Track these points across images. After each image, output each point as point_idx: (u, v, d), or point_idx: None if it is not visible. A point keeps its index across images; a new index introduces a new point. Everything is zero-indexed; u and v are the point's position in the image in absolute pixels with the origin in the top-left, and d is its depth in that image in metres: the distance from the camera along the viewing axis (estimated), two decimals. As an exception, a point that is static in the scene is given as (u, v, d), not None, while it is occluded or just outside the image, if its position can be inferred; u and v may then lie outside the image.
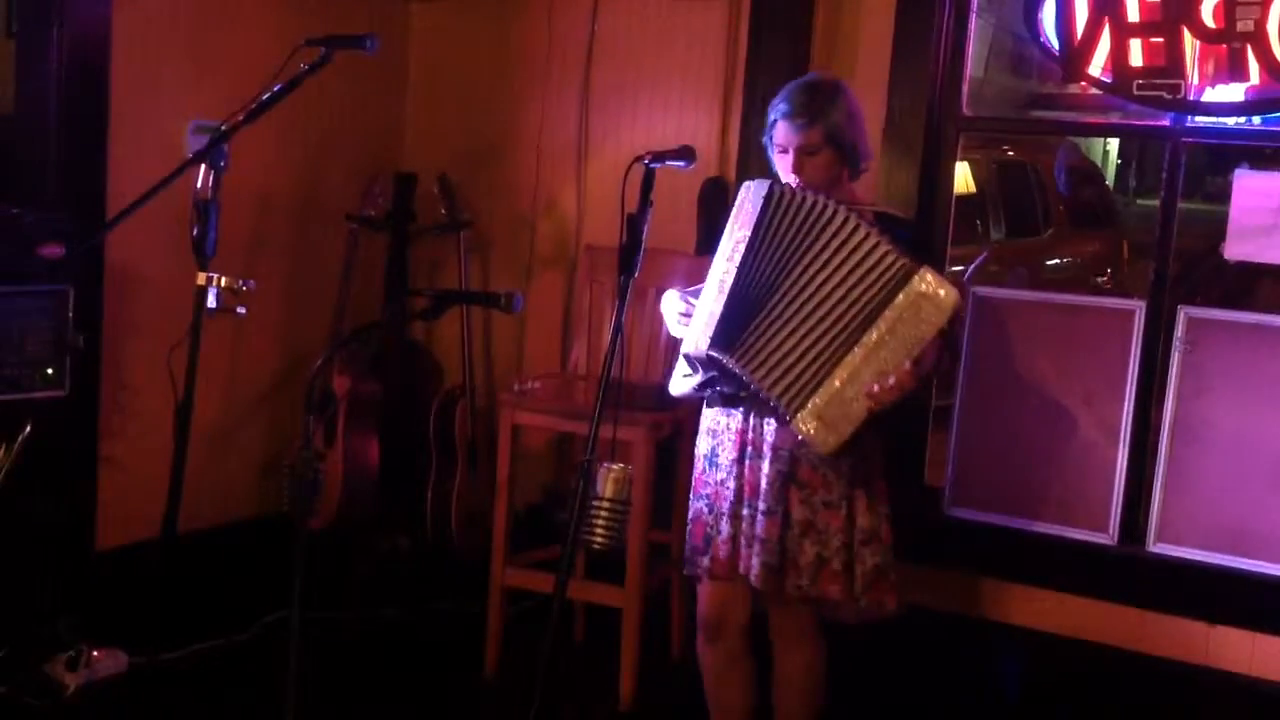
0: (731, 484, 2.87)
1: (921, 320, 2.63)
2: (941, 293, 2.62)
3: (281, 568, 2.59)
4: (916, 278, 2.64)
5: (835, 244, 2.69)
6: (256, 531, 4.22)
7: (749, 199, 2.73)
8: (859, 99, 2.91)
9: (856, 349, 2.67)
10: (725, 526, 2.87)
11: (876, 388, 2.64)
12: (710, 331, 2.71)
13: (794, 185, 2.78)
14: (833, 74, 3.19)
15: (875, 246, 2.67)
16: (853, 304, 2.68)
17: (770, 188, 2.72)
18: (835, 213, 2.69)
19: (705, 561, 2.91)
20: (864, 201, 2.93)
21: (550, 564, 3.51)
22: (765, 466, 2.82)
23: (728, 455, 2.88)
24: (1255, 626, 3.60)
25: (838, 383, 2.67)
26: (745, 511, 2.85)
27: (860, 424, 2.67)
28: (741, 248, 2.70)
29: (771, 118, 2.85)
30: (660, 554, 3.74)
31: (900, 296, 2.64)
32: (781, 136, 2.82)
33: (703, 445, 2.96)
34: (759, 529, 2.81)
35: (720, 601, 2.94)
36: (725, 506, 2.87)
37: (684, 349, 2.81)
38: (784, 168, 2.83)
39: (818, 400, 2.68)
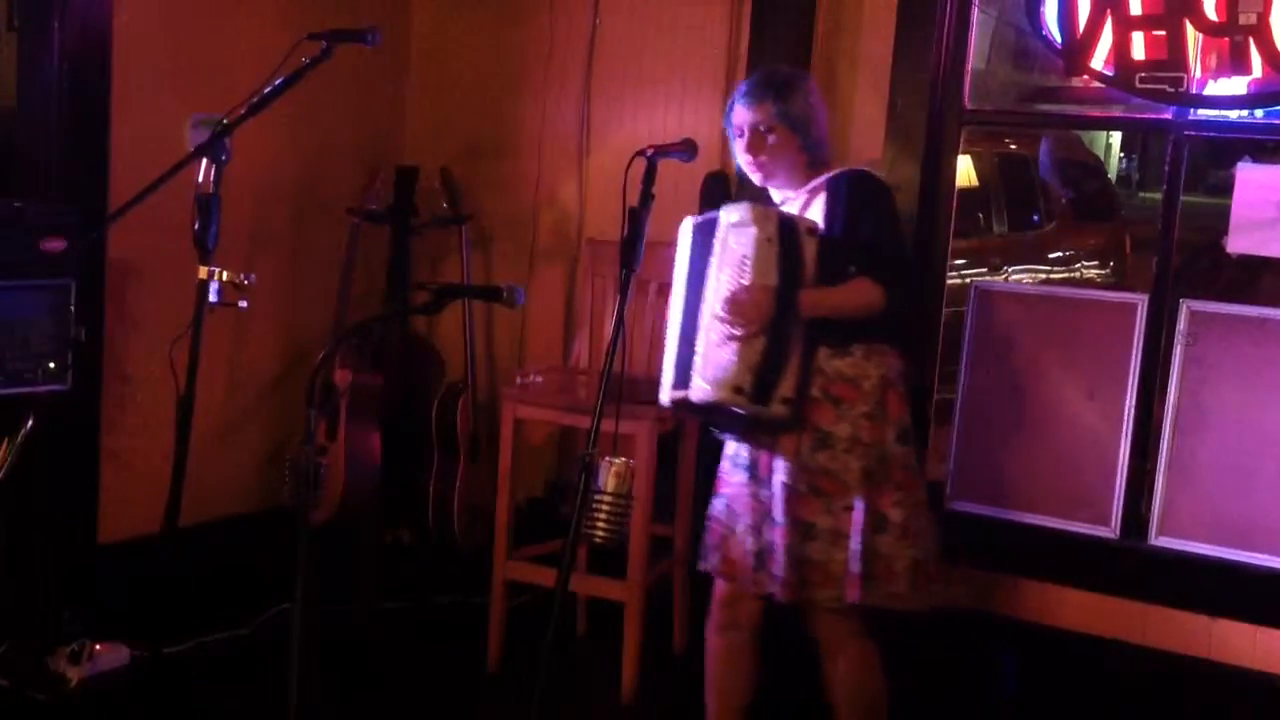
0: (746, 493, 2.84)
1: (740, 243, 2.65)
2: (749, 215, 2.64)
3: (283, 561, 2.59)
4: (723, 215, 2.68)
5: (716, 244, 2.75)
6: (258, 525, 4.22)
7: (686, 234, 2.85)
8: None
9: (703, 306, 2.72)
10: (745, 537, 2.83)
11: (721, 312, 2.65)
12: (669, 378, 2.82)
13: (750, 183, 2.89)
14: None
15: (703, 221, 2.75)
16: (700, 275, 2.76)
17: (694, 221, 2.80)
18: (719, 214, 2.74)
19: (716, 560, 2.91)
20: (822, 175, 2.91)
21: (552, 558, 3.51)
22: (775, 479, 2.79)
23: (744, 458, 2.87)
24: (1257, 620, 3.60)
25: (704, 342, 2.71)
26: (763, 525, 2.81)
27: (753, 360, 2.63)
28: (681, 286, 2.83)
29: (730, 102, 2.89)
30: (663, 548, 3.74)
31: (715, 241, 2.69)
32: (738, 117, 2.86)
33: (730, 445, 2.93)
34: (777, 542, 2.77)
35: (736, 597, 2.93)
36: (743, 511, 2.85)
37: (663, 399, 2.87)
38: (740, 150, 2.88)
39: (698, 362, 2.71)
